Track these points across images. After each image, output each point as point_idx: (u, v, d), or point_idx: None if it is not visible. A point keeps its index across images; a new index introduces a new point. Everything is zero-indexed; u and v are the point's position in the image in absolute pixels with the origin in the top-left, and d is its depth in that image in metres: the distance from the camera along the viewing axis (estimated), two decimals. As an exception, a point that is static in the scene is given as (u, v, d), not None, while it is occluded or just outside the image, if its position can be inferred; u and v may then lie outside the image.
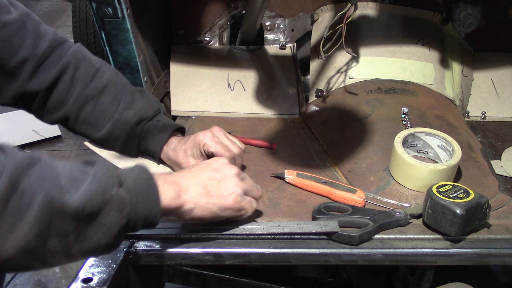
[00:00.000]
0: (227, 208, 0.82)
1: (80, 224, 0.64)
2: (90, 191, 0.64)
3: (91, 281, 0.75)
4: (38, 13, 5.05)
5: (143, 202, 0.71)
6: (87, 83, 1.02)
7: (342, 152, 1.16)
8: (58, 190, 0.62)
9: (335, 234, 0.86)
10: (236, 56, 1.48)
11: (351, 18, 1.22)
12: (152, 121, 1.06)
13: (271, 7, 1.53)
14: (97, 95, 1.02)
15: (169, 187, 0.76)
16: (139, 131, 1.05)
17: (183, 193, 0.78)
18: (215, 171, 0.84)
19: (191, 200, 0.79)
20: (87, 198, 0.64)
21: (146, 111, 1.06)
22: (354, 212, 0.92)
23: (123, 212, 0.68)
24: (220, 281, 1.09)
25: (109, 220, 0.66)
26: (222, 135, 1.02)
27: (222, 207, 0.81)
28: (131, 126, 1.04)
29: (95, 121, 1.04)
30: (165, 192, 0.75)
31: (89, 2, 1.10)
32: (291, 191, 1.03)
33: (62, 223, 0.63)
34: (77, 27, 2.76)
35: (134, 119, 1.04)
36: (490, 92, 1.47)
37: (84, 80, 1.01)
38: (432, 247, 0.87)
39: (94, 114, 1.03)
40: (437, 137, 1.07)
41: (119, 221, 0.68)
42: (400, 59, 1.39)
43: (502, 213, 0.99)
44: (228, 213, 0.83)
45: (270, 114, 1.40)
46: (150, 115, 1.06)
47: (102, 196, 0.65)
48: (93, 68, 1.03)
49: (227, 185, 0.82)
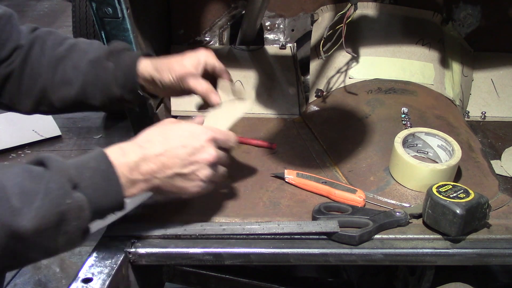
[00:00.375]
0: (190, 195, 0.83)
1: (40, 239, 0.64)
2: (43, 209, 0.63)
3: (91, 281, 0.75)
4: (38, 13, 5.07)
5: (104, 196, 0.71)
6: (56, 47, 0.99)
7: (342, 152, 1.16)
8: (10, 214, 0.61)
9: (335, 234, 0.86)
10: (236, 56, 1.48)
11: (351, 18, 1.22)
12: (123, 52, 1.00)
13: (271, 7, 1.53)
14: (68, 53, 0.99)
15: (133, 175, 0.75)
16: (112, 64, 0.97)
17: (147, 183, 0.77)
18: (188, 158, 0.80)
19: (155, 187, 0.79)
20: (41, 217, 0.63)
21: (114, 46, 1.00)
22: (354, 212, 0.92)
23: (82, 217, 0.68)
24: (220, 281, 1.09)
25: (69, 229, 0.67)
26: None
27: (184, 194, 0.83)
28: (102, 61, 0.98)
29: (70, 78, 0.98)
30: (128, 181, 0.75)
31: (89, 2, 1.10)
32: (291, 191, 1.03)
33: (21, 245, 0.63)
34: (77, 27, 2.76)
35: (104, 54, 0.98)
36: (490, 92, 1.47)
37: (53, 46, 0.99)
38: (432, 247, 0.87)
39: (67, 70, 0.98)
40: (437, 137, 1.07)
41: (80, 226, 0.68)
42: (400, 59, 1.39)
43: (502, 213, 0.99)
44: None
45: (270, 114, 1.40)
46: (119, 47, 1.00)
47: (56, 209, 0.64)
48: (61, 37, 1.01)
49: (195, 177, 0.81)
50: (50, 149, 2.67)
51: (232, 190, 1.03)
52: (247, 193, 1.02)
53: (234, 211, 0.96)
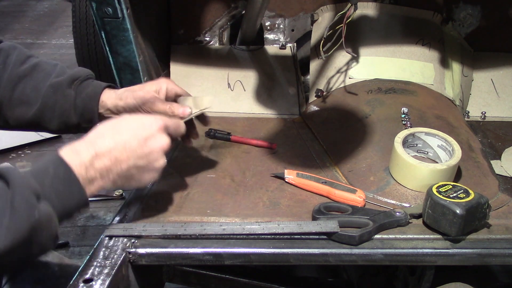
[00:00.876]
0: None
1: (13, 255, 0.65)
2: (13, 227, 0.64)
3: (91, 281, 0.75)
4: (38, 13, 5.07)
5: (68, 199, 0.72)
6: (18, 65, 0.99)
7: (342, 152, 1.16)
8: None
9: (335, 234, 0.86)
10: (236, 56, 1.48)
11: (351, 18, 1.22)
12: (86, 81, 1.00)
13: (271, 7, 1.53)
14: (29, 73, 0.99)
15: (90, 173, 0.76)
16: (73, 92, 0.98)
17: (103, 180, 0.78)
18: (142, 149, 0.81)
19: (113, 182, 0.79)
20: (12, 235, 0.63)
21: (78, 73, 1.00)
22: (354, 212, 0.92)
23: (51, 225, 0.69)
24: (220, 281, 1.09)
25: (41, 239, 0.68)
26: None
27: (141, 185, 0.84)
28: (63, 88, 0.98)
29: (29, 98, 0.98)
30: (86, 180, 0.75)
31: (89, 2, 1.10)
32: (291, 191, 1.03)
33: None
34: (77, 27, 2.76)
35: (66, 81, 0.98)
36: (490, 92, 1.47)
37: (15, 63, 0.99)
38: (432, 247, 0.87)
39: (26, 90, 0.98)
40: (437, 137, 1.07)
41: (53, 232, 0.70)
42: (400, 59, 1.39)
43: (502, 213, 0.98)
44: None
45: (270, 114, 1.40)
46: (82, 75, 1.00)
47: (26, 224, 0.65)
48: (25, 55, 1.01)
49: (152, 167, 0.82)
50: (50, 149, 2.67)
51: (232, 190, 1.03)
52: (247, 193, 1.02)
53: (234, 211, 0.96)
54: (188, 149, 1.18)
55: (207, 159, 1.15)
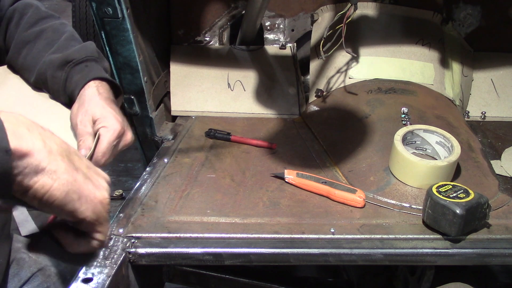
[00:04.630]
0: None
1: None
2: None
3: (91, 281, 0.75)
4: (38, 13, 5.07)
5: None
6: (26, 28, 1.00)
7: (342, 152, 1.16)
8: None
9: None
10: (236, 56, 1.48)
11: (351, 18, 1.22)
12: (79, 65, 0.98)
13: (271, 7, 1.53)
14: (33, 39, 1.00)
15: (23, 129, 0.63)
16: (64, 75, 0.97)
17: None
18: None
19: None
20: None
21: (73, 54, 0.98)
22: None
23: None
24: (220, 281, 1.09)
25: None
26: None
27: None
28: (54, 68, 0.97)
29: (29, 66, 1.00)
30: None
31: (89, 2, 1.10)
32: (291, 191, 1.03)
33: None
34: (77, 27, 2.77)
35: (58, 61, 0.97)
36: (490, 92, 1.47)
37: (24, 25, 1.00)
38: (432, 247, 0.87)
39: (28, 58, 1.00)
40: (435, 133, 1.07)
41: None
42: (400, 59, 1.39)
43: (502, 213, 0.98)
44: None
45: (270, 114, 1.40)
46: (77, 58, 0.98)
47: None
48: (37, 16, 1.02)
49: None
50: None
51: (232, 190, 1.03)
52: (247, 193, 1.02)
53: (234, 211, 0.95)
54: (188, 149, 1.18)
55: (207, 159, 1.15)
